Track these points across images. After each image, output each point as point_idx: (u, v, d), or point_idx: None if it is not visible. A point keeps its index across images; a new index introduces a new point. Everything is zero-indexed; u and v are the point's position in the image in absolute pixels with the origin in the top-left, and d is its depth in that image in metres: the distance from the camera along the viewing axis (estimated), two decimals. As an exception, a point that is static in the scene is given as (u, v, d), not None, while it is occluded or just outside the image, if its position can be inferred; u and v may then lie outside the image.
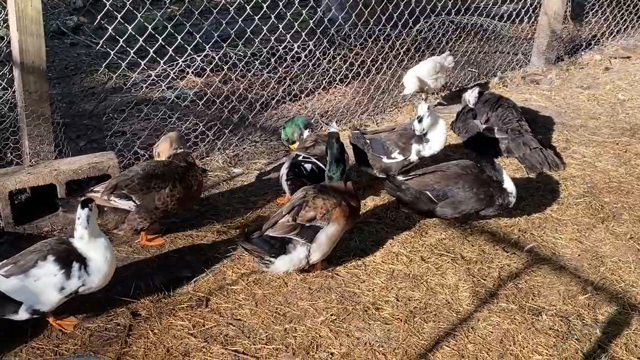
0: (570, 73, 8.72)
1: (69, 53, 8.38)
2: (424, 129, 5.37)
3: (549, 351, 3.93)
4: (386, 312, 4.22)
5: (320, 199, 4.32)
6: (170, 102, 6.88)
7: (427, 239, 4.99)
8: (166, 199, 4.62)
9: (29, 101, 4.93)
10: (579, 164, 6.21)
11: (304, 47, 7.29)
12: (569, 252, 4.91)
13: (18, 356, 3.78)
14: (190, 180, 4.77)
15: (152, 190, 4.58)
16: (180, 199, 4.70)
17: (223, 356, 3.82)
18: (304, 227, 4.23)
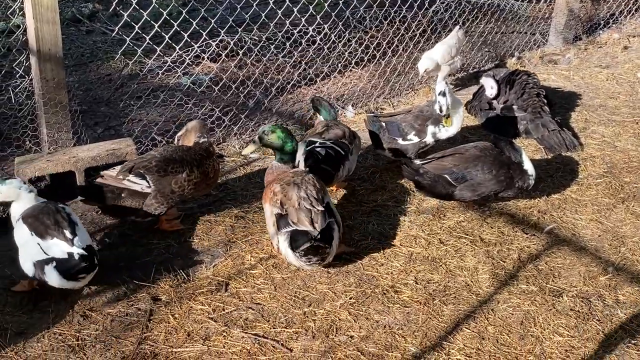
0: (588, 52, 8.62)
1: (84, 40, 8.40)
2: (449, 105, 5.27)
3: (570, 332, 3.92)
4: (405, 295, 4.21)
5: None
6: (186, 88, 6.88)
7: (446, 221, 4.98)
8: (183, 183, 4.63)
9: (46, 89, 4.95)
10: (598, 144, 6.15)
11: (319, 30, 7.25)
12: (589, 232, 4.87)
13: (40, 342, 3.82)
14: (207, 168, 4.78)
15: (168, 173, 4.60)
16: (197, 184, 4.71)
17: (243, 340, 3.84)
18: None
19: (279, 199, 4.24)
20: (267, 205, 4.35)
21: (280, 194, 4.25)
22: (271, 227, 4.29)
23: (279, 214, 4.21)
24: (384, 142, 5.50)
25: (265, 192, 4.44)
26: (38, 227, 4.02)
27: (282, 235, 4.17)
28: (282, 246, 4.19)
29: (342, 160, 5.01)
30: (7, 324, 3.92)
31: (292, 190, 4.25)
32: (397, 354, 3.75)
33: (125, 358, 3.71)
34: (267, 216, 4.39)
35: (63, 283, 3.96)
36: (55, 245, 3.96)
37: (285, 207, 4.21)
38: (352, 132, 5.25)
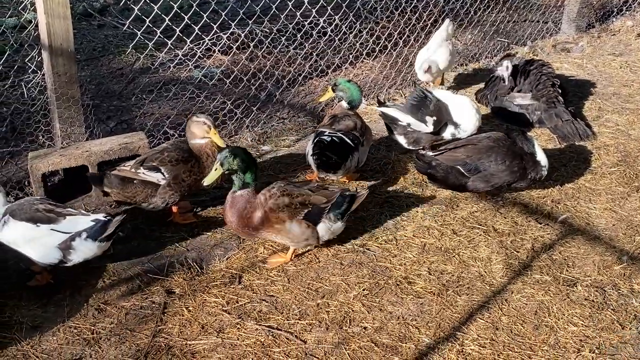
0: (601, 40, 8.55)
1: (96, 35, 8.41)
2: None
3: (584, 322, 3.90)
4: (419, 286, 4.21)
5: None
6: (198, 81, 6.89)
7: (459, 212, 4.96)
8: (192, 168, 4.65)
9: (59, 83, 4.96)
10: (612, 132, 6.11)
11: (330, 21, 7.22)
12: (603, 221, 4.84)
13: (55, 335, 3.84)
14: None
15: (179, 162, 4.62)
16: (200, 176, 4.71)
17: (257, 332, 3.85)
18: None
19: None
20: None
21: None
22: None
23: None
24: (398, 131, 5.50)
25: (268, 218, 4.21)
26: (40, 217, 4.08)
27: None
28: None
29: (351, 151, 5.00)
30: (22, 318, 3.95)
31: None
32: (411, 345, 3.75)
33: (140, 351, 3.73)
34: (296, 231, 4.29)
35: (95, 249, 4.11)
36: (74, 221, 4.10)
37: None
38: (364, 124, 5.24)
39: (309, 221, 4.26)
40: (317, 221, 4.29)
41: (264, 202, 4.21)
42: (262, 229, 4.22)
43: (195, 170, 4.71)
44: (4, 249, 4.18)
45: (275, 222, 4.20)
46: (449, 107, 5.45)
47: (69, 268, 4.18)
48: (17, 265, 4.36)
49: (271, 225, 4.20)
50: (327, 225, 4.32)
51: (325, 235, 4.35)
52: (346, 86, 5.27)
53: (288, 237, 4.27)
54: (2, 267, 4.39)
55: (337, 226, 4.38)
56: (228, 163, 4.15)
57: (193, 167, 4.71)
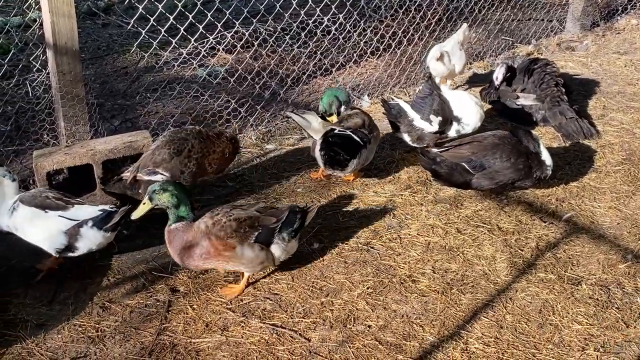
0: (606, 39, 8.53)
1: (100, 33, 8.43)
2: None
3: (589, 320, 3.90)
4: (423, 284, 4.21)
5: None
6: (202, 79, 6.90)
7: (463, 210, 4.96)
8: (187, 157, 4.67)
9: (63, 82, 4.97)
10: (616, 131, 6.09)
11: (334, 20, 7.22)
12: (607, 220, 4.84)
13: (60, 333, 3.85)
14: (209, 146, 4.81)
15: (172, 156, 4.64)
16: (200, 161, 4.74)
17: (261, 330, 3.85)
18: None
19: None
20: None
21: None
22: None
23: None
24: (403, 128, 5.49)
25: (214, 247, 3.92)
26: (50, 204, 4.16)
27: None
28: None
29: (359, 149, 5.00)
30: (27, 316, 3.96)
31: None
32: (415, 344, 3.75)
33: (145, 349, 3.73)
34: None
35: (100, 238, 4.14)
36: (82, 210, 4.17)
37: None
38: (372, 122, 5.23)
39: (261, 243, 4.00)
40: (269, 242, 4.03)
41: (207, 231, 3.92)
42: (210, 259, 3.93)
43: (193, 155, 4.71)
44: (9, 246, 4.19)
45: (224, 249, 3.92)
46: (452, 103, 5.43)
47: (74, 264, 4.19)
48: (22, 264, 4.37)
49: (219, 253, 3.91)
50: (282, 245, 4.07)
51: (281, 255, 4.11)
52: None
53: (241, 264, 4.00)
54: (7, 265, 4.40)
55: (292, 245, 4.15)
56: (157, 198, 3.90)
57: (190, 153, 4.70)
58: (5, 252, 4.45)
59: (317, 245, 4.58)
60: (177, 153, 4.66)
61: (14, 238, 4.25)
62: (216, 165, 4.89)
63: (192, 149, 4.70)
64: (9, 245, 4.37)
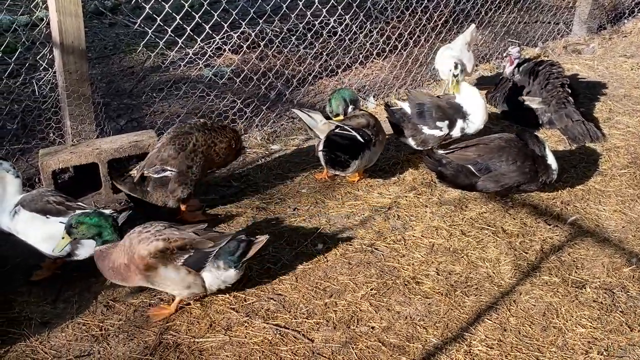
0: (613, 42, 8.52)
1: (107, 33, 8.45)
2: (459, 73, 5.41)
3: (593, 324, 3.89)
4: (427, 286, 4.20)
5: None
6: (208, 79, 6.90)
7: (468, 212, 4.95)
8: (193, 151, 4.66)
9: (70, 81, 4.98)
10: (622, 134, 6.08)
11: (340, 21, 7.22)
12: (612, 223, 4.83)
13: (64, 332, 3.86)
14: (214, 137, 4.79)
15: (178, 152, 4.64)
16: (206, 153, 4.74)
17: (265, 330, 3.85)
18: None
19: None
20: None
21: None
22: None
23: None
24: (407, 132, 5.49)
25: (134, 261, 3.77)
26: (51, 209, 4.13)
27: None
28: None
29: (362, 149, 5.00)
30: (31, 314, 3.97)
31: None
32: (419, 345, 3.75)
33: (148, 348, 3.74)
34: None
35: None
36: None
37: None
38: (378, 125, 5.22)
39: (189, 267, 3.80)
40: (200, 267, 3.81)
41: (130, 247, 3.79)
42: (133, 276, 3.80)
43: (198, 148, 4.71)
44: (13, 245, 4.20)
45: (145, 269, 3.76)
46: (465, 98, 5.41)
47: (78, 265, 4.20)
48: (26, 262, 4.38)
49: (140, 272, 3.77)
50: (215, 273, 3.85)
51: (213, 284, 3.87)
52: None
53: (166, 285, 3.84)
54: (11, 263, 4.41)
55: (228, 274, 3.88)
56: (76, 232, 3.84)
57: (195, 147, 4.69)
58: (9, 250, 4.46)
59: (321, 246, 4.59)
60: (183, 148, 4.66)
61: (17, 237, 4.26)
62: (223, 156, 4.87)
63: (197, 142, 4.69)
64: (13, 244, 4.37)
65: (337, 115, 5.29)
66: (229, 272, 3.87)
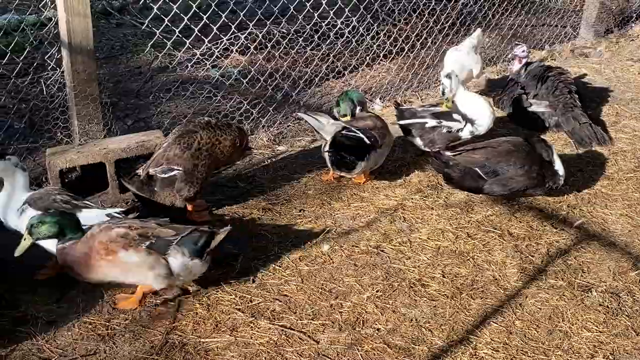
0: (620, 45, 8.51)
1: (115, 33, 8.47)
2: (452, 87, 5.40)
3: (598, 328, 3.88)
4: (432, 288, 4.20)
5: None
6: (215, 80, 6.91)
7: (474, 215, 4.95)
8: (198, 149, 4.67)
9: (78, 81, 5.00)
10: (629, 138, 6.07)
11: (347, 23, 7.23)
12: (619, 227, 4.82)
13: (70, 331, 3.87)
14: (219, 135, 4.80)
15: (184, 151, 4.65)
16: (211, 151, 4.74)
17: (270, 331, 3.85)
18: None
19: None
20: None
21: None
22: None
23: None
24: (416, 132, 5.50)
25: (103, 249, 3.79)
26: (57, 208, 4.12)
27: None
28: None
29: (368, 150, 5.00)
30: (38, 313, 3.98)
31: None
32: (424, 347, 3.75)
33: (154, 347, 3.75)
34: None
35: None
36: (90, 214, 4.14)
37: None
38: (385, 127, 5.22)
39: (152, 249, 3.83)
40: (164, 252, 3.84)
41: (92, 237, 3.82)
42: (95, 266, 3.79)
43: (203, 147, 4.71)
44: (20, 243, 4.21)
45: (106, 253, 3.77)
46: (466, 105, 5.44)
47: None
48: (32, 260, 4.38)
49: (102, 258, 3.77)
50: (182, 260, 3.86)
51: (180, 271, 3.88)
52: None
53: (129, 271, 3.82)
54: (17, 262, 4.41)
55: (195, 263, 3.91)
56: (37, 232, 3.81)
57: (200, 145, 4.70)
58: (15, 249, 4.45)
59: (327, 247, 4.59)
60: (188, 147, 4.67)
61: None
62: (228, 154, 4.88)
63: (201, 140, 4.70)
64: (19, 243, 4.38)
65: (345, 117, 5.29)
66: (194, 261, 3.91)
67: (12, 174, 4.24)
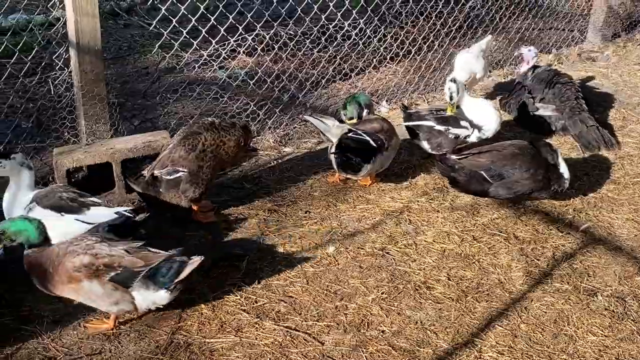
0: (627, 50, 8.49)
1: (122, 34, 8.50)
2: (457, 92, 5.39)
3: (604, 332, 3.87)
4: (437, 291, 4.20)
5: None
6: (222, 81, 6.93)
7: (479, 218, 4.95)
8: (202, 150, 4.68)
9: (85, 81, 5.02)
10: (636, 142, 6.06)
11: (354, 25, 7.24)
12: (625, 232, 4.81)
13: (76, 330, 3.88)
14: (223, 136, 4.80)
15: (189, 152, 4.66)
16: (216, 152, 4.75)
17: (275, 332, 3.86)
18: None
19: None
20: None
21: None
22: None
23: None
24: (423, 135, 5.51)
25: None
26: (64, 205, 4.15)
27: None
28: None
29: (374, 153, 5.00)
30: (43, 312, 3.99)
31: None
32: (429, 350, 3.75)
33: (159, 347, 3.75)
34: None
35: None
36: (99, 212, 4.16)
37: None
38: (391, 129, 5.23)
39: (117, 283, 3.69)
40: (128, 285, 3.70)
41: (58, 258, 3.70)
42: (59, 287, 3.72)
43: (207, 148, 4.72)
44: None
45: (68, 281, 3.67)
46: (472, 110, 5.44)
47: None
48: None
49: (63, 283, 3.69)
50: (144, 293, 3.73)
51: (143, 304, 3.77)
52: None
53: (92, 300, 3.74)
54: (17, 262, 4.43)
55: (158, 295, 3.75)
56: (6, 233, 3.71)
57: (204, 147, 4.70)
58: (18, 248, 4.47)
59: (333, 248, 4.59)
60: (193, 148, 4.68)
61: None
62: (233, 154, 4.89)
63: (206, 142, 4.71)
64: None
65: (351, 119, 5.30)
66: (159, 292, 3.75)
67: (18, 173, 4.25)
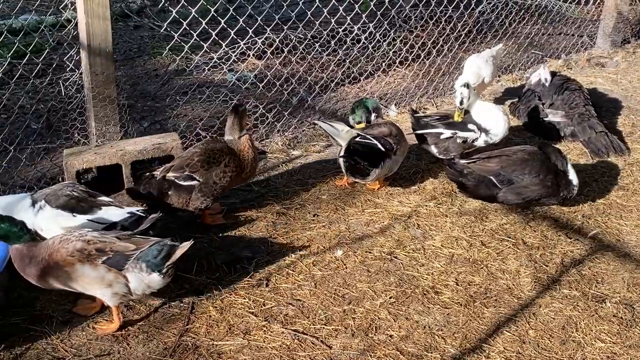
0: (637, 56, 8.47)
1: (132, 36, 8.52)
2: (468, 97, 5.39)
3: (612, 338, 3.87)
4: (446, 296, 4.20)
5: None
6: (231, 84, 6.95)
7: (488, 223, 4.95)
8: (221, 173, 4.68)
9: (96, 83, 5.04)
10: (645, 149, 6.05)
11: (364, 29, 7.24)
12: (634, 238, 4.80)
13: (85, 330, 3.90)
14: (244, 162, 4.83)
15: (211, 165, 4.66)
16: (233, 178, 4.78)
17: (283, 335, 3.87)
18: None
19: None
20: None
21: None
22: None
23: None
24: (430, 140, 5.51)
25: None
26: (75, 205, 4.15)
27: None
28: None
29: (382, 158, 5.01)
30: (53, 312, 4.01)
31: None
32: (437, 355, 3.75)
33: (168, 349, 3.77)
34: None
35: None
36: (110, 212, 4.17)
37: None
38: (400, 133, 5.24)
39: (110, 266, 3.73)
40: (120, 267, 3.73)
41: (52, 245, 3.75)
42: (51, 275, 3.73)
43: (228, 171, 4.74)
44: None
45: (64, 264, 3.69)
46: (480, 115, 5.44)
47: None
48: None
49: (59, 268, 3.70)
50: (138, 275, 3.75)
51: (138, 287, 3.78)
52: (356, 111, 5.33)
53: (85, 284, 3.74)
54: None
55: (153, 278, 3.78)
56: None
57: (226, 169, 4.73)
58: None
59: (341, 252, 4.60)
60: (217, 163, 4.69)
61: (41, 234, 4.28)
62: (246, 177, 4.96)
63: (228, 165, 4.72)
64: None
65: (359, 124, 5.31)
66: (152, 276, 3.77)
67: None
